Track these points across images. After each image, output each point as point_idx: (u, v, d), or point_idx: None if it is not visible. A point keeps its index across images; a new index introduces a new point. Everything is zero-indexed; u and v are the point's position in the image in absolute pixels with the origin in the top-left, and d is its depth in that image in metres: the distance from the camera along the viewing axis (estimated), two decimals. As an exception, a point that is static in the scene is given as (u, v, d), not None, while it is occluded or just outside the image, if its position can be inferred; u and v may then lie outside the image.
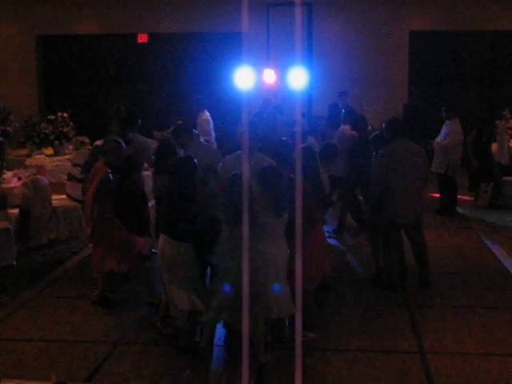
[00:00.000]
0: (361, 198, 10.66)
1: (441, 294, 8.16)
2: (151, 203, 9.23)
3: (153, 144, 10.67)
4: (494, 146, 13.71)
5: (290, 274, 6.35)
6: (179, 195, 6.41)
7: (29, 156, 13.22)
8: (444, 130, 12.31)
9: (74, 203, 10.65)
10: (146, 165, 9.82)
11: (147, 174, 10.43)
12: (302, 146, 7.78)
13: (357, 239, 10.48)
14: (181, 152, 7.97)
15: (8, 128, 13.77)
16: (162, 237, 6.52)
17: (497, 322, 7.26)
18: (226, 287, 6.23)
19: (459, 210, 12.58)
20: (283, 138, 7.85)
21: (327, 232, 10.35)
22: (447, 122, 12.28)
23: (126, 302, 7.86)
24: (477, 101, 17.92)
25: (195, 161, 6.58)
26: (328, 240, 8.15)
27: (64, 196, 10.93)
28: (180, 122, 10.25)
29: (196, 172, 6.54)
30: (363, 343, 6.78)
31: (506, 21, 17.62)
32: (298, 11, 3.41)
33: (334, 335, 6.96)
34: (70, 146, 13.58)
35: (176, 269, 6.37)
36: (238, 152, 7.40)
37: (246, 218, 4.22)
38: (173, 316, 6.68)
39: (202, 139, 8.98)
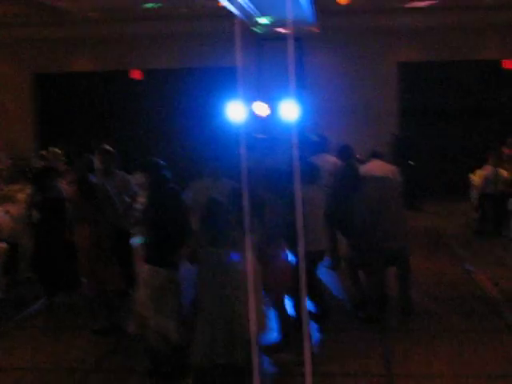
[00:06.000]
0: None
1: (416, 319, 8.20)
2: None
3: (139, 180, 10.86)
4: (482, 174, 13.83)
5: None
6: (163, 220, 6.41)
7: (21, 191, 13.39)
8: None
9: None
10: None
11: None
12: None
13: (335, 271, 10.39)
14: None
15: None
16: (146, 266, 6.38)
17: (468, 346, 7.30)
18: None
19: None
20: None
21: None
22: None
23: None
24: (467, 130, 18.05)
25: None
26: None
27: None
28: None
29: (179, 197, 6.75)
30: (332, 367, 6.82)
31: (491, 50, 17.87)
32: (290, 45, 3.48)
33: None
34: (64, 182, 13.74)
35: (165, 298, 6.24)
36: (205, 179, 7.80)
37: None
38: (147, 338, 6.40)
39: None
